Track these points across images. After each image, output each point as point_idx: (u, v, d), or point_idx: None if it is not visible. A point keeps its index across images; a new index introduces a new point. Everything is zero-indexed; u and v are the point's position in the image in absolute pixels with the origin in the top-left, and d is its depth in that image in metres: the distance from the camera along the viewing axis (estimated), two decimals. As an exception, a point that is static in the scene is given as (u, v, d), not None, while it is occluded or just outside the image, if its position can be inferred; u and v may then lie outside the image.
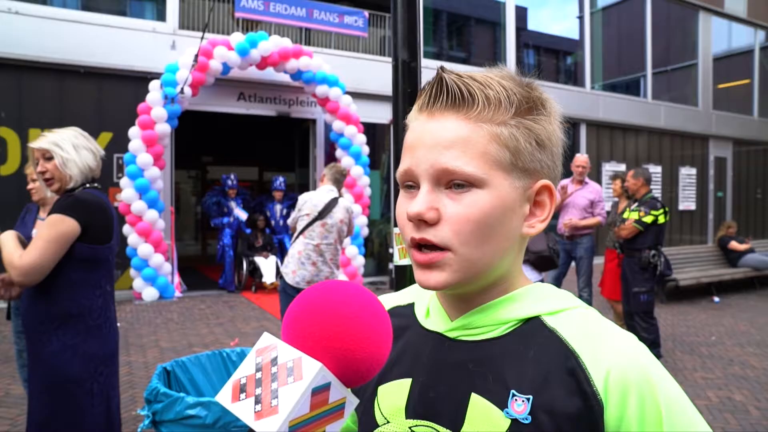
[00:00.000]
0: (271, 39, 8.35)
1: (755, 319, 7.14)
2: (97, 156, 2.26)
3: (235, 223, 9.52)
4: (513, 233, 0.69)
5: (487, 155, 0.65)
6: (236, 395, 0.56)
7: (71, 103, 7.91)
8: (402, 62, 1.94)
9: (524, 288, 0.73)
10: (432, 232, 0.66)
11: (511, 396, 0.64)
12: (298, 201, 4.24)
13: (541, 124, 0.69)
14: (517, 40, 12.50)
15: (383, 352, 0.60)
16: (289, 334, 0.59)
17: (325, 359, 0.56)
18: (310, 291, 0.61)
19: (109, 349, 2.23)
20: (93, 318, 2.15)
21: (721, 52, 16.00)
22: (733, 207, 15.95)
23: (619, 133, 13.62)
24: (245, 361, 0.59)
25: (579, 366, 0.64)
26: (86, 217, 2.09)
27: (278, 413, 0.53)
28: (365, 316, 0.58)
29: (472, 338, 0.71)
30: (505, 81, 0.68)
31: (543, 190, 0.70)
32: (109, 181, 7.89)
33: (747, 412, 4.06)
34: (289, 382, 0.54)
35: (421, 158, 0.67)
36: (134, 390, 4.38)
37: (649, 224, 4.89)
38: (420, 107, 0.70)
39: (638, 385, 0.62)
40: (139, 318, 6.81)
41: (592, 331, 0.67)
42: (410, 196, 0.69)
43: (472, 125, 0.66)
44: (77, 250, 2.08)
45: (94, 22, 8.03)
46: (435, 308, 0.77)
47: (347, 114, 8.88)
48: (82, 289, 2.13)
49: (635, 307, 4.94)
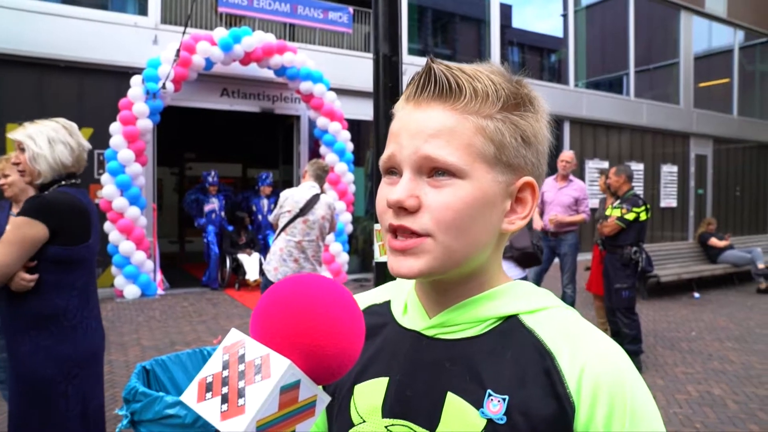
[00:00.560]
0: (254, 34, 8.28)
1: (734, 314, 7.25)
2: (75, 151, 2.17)
3: (217, 220, 9.44)
4: (492, 228, 0.68)
5: (471, 147, 0.65)
6: (202, 394, 0.55)
7: (51, 97, 7.77)
8: (383, 56, 1.92)
9: (503, 285, 0.72)
10: (411, 220, 0.65)
11: (487, 395, 0.64)
12: (279, 197, 4.21)
13: (528, 120, 0.68)
14: (502, 38, 12.54)
15: (355, 347, 0.58)
16: (257, 330, 0.57)
17: (295, 356, 0.54)
18: (279, 285, 0.59)
19: (85, 350, 2.15)
20: (68, 319, 2.08)
21: (702, 52, 16.20)
22: (713, 204, 16.18)
23: (602, 130, 13.74)
24: (212, 358, 0.57)
25: (554, 367, 0.63)
26: (56, 220, 2.02)
27: (245, 413, 0.51)
28: (336, 310, 0.57)
29: (449, 336, 0.70)
30: (495, 76, 0.68)
31: (525, 187, 0.69)
32: (90, 178, 7.77)
33: (725, 405, 4.12)
34: (257, 381, 0.53)
35: (405, 145, 0.66)
36: (115, 389, 4.32)
37: (631, 221, 4.93)
38: (407, 97, 0.69)
39: (610, 388, 0.61)
40: (121, 316, 6.73)
41: (569, 333, 0.66)
42: (391, 183, 0.68)
43: (459, 116, 0.65)
44: (50, 252, 2.02)
45: (75, 16, 7.90)
46: (413, 304, 0.76)
47: (331, 110, 8.84)
48: (56, 290, 2.06)
49: (617, 303, 4.98)
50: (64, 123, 2.21)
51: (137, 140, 7.61)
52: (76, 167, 2.21)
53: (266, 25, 9.40)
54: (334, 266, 9.02)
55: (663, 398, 4.27)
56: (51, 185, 2.17)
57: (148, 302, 7.59)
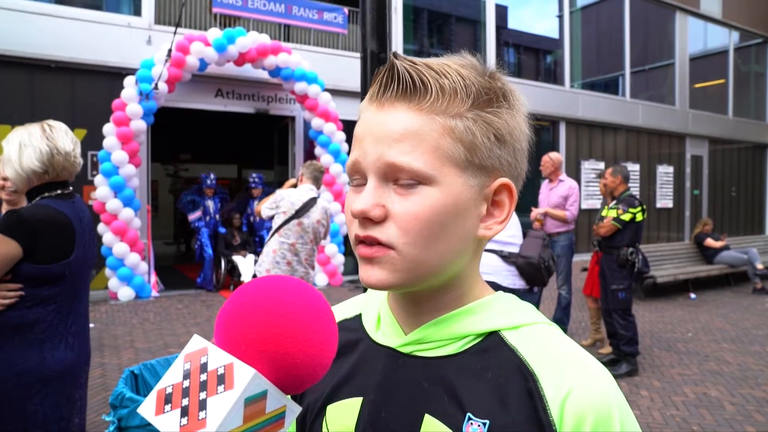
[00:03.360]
0: (249, 35, 8.23)
1: (730, 315, 7.24)
2: (45, 156, 1.96)
3: (212, 222, 9.40)
4: (467, 235, 0.64)
5: (438, 150, 0.60)
6: (161, 407, 0.51)
7: (43, 98, 7.71)
8: (371, 53, 1.88)
9: (484, 299, 0.68)
10: (378, 230, 0.61)
11: (466, 419, 0.60)
12: (275, 195, 4.14)
13: (502, 117, 0.63)
14: (497, 39, 12.53)
15: (327, 354, 0.54)
16: (221, 336, 0.53)
17: (261, 364, 0.50)
18: (245, 288, 0.55)
19: (53, 366, 1.94)
20: (35, 332, 1.91)
21: (697, 53, 16.22)
22: (708, 205, 16.19)
23: (597, 131, 13.73)
24: (172, 367, 0.53)
25: (537, 390, 0.59)
26: (30, 239, 1.86)
27: (206, 427, 0.47)
28: (306, 315, 0.53)
29: (427, 354, 0.65)
30: (465, 70, 0.63)
31: (502, 189, 0.65)
32: (84, 179, 7.71)
33: (722, 407, 4.09)
34: (219, 392, 0.49)
35: (368, 151, 0.62)
36: (107, 393, 4.27)
37: (627, 222, 4.90)
38: (371, 96, 0.64)
39: (596, 413, 0.57)
40: (114, 318, 6.67)
41: (554, 353, 0.62)
42: (357, 191, 0.64)
43: (424, 117, 0.60)
44: (22, 270, 1.87)
45: (67, 16, 7.84)
46: (387, 319, 0.71)
47: (326, 111, 8.80)
48: (29, 303, 1.91)
49: (613, 304, 4.95)
50: (47, 124, 2.04)
51: (131, 141, 7.55)
52: (53, 173, 2.01)
53: (261, 26, 9.35)
54: (329, 268, 8.98)
55: (660, 400, 4.24)
56: (36, 194, 2.02)
57: (143, 304, 7.53)
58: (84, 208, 2.15)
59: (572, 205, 5.81)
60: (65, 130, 2.12)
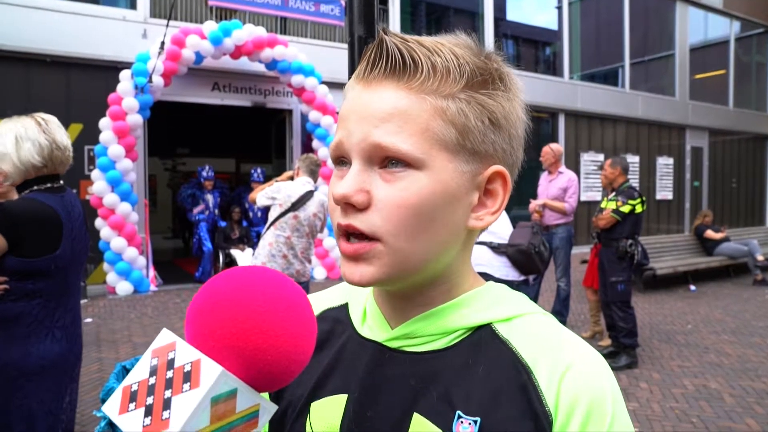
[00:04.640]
0: (245, 28, 8.17)
1: (730, 306, 7.22)
2: (45, 149, 1.96)
3: (210, 216, 9.37)
4: (456, 225, 0.60)
5: (428, 132, 0.56)
6: (125, 405, 0.48)
7: (38, 93, 7.65)
8: (358, 38, 1.84)
9: (474, 291, 0.64)
10: (360, 218, 0.57)
11: (456, 417, 0.56)
12: (273, 186, 4.10)
13: (498, 100, 0.59)
14: (496, 30, 12.46)
15: (302, 350, 0.51)
16: (190, 330, 0.50)
17: (230, 361, 0.47)
18: (215, 279, 0.52)
19: (38, 361, 1.90)
20: (20, 325, 1.88)
21: (698, 43, 16.12)
22: (709, 196, 16.15)
23: (597, 122, 13.68)
24: (139, 362, 0.50)
25: (531, 382, 0.56)
26: (14, 232, 1.84)
27: (168, 428, 0.44)
28: (278, 308, 0.49)
29: (415, 349, 0.62)
30: (459, 49, 0.59)
31: (495, 177, 0.61)
32: (80, 174, 7.67)
33: (722, 399, 4.07)
34: (185, 390, 0.45)
35: (353, 131, 0.58)
36: (103, 387, 4.25)
37: (626, 214, 4.87)
38: (357, 75, 0.60)
39: (589, 400, 0.54)
40: (113, 313, 6.66)
41: (547, 342, 0.59)
42: (341, 175, 0.60)
43: (414, 96, 0.56)
44: (7, 263, 1.85)
45: (61, 10, 7.77)
46: (372, 312, 0.68)
47: (323, 104, 8.75)
48: (14, 297, 1.89)
49: (612, 296, 4.92)
50: (40, 118, 2.02)
51: (127, 135, 7.51)
52: (51, 167, 2.01)
53: (257, 18, 9.28)
54: (327, 261, 8.96)
55: (659, 392, 4.22)
56: (26, 188, 2.00)
57: (141, 299, 7.51)
58: (75, 202, 2.12)
59: (571, 197, 5.77)
60: (58, 124, 2.11)
